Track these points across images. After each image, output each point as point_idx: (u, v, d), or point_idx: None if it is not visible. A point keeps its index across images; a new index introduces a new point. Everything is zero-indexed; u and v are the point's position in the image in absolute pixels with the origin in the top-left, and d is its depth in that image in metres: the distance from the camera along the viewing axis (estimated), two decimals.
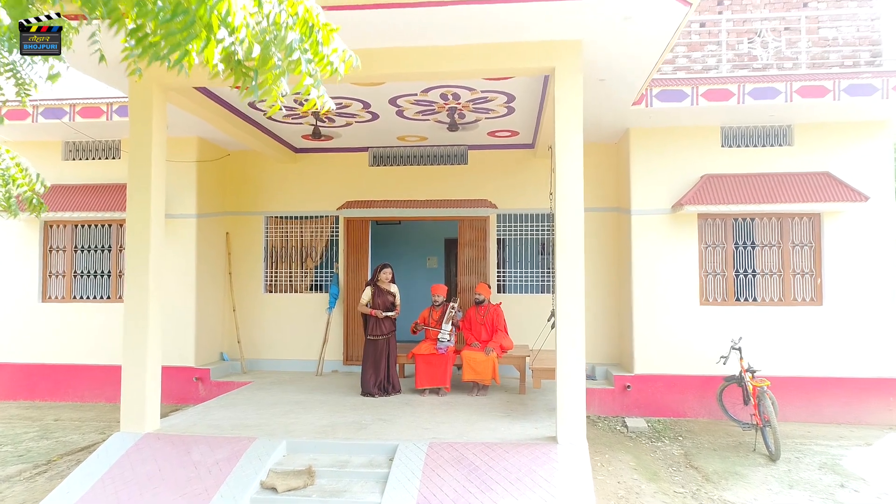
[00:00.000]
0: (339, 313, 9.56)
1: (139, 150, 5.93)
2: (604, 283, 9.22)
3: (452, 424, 6.13)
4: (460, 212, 9.38)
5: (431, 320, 7.98)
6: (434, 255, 12.80)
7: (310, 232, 9.78)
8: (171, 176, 8.86)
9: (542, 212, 9.37)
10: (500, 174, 9.51)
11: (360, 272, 9.54)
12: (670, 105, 7.49)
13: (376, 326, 7.55)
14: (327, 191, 9.73)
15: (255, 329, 9.70)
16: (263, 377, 8.99)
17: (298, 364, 9.55)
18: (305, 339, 9.58)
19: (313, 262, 9.76)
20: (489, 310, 7.96)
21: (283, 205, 9.79)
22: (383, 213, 9.54)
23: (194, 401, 8.69)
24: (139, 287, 5.84)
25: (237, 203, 9.84)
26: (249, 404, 7.14)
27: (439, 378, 7.57)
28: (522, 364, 7.78)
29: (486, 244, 9.39)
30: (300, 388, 8.16)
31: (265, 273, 9.82)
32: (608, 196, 9.30)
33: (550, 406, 6.94)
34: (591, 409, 8.19)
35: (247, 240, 9.81)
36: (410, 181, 9.64)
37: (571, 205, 5.65)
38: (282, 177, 9.81)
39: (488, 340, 7.84)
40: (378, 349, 7.55)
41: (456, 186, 9.55)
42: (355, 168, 9.73)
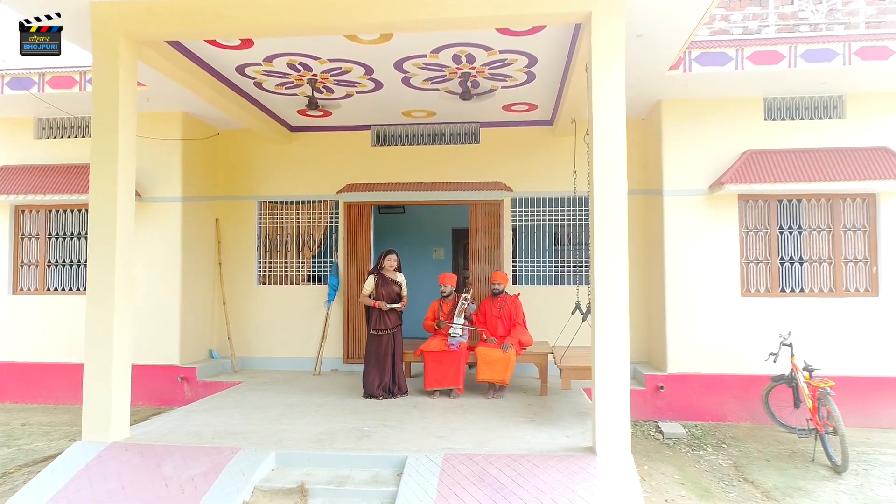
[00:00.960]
0: (339, 307, 8.73)
1: (104, 114, 5.09)
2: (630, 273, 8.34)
3: (469, 432, 5.29)
4: (472, 195, 8.54)
5: (441, 314, 7.15)
6: (441, 245, 11.96)
7: (307, 218, 8.95)
8: (154, 154, 8.07)
9: (562, 195, 8.53)
10: (515, 154, 8.66)
11: (362, 262, 8.71)
12: (711, 70, 6.63)
13: (380, 320, 6.71)
14: (326, 173, 8.89)
15: (246, 324, 8.87)
16: (255, 377, 8.16)
17: (294, 362, 8.73)
18: (302, 335, 8.76)
19: (311, 250, 8.93)
20: (506, 301, 7.12)
21: (277, 188, 8.96)
22: (387, 197, 8.71)
23: (179, 403, 7.86)
24: (104, 275, 5.01)
25: (228, 186, 9.01)
26: (237, 408, 6.31)
27: (451, 378, 6.74)
28: (544, 362, 6.94)
29: (500, 231, 8.55)
30: (295, 388, 7.33)
31: (258, 263, 8.99)
32: (634, 177, 8.41)
33: (579, 410, 6.12)
34: None
35: (238, 227, 8.98)
36: (417, 162, 8.80)
37: (612, 184, 4.82)
38: (276, 158, 8.98)
39: (506, 335, 7.01)
40: (382, 345, 6.72)
41: (467, 168, 8.71)
42: (356, 148, 8.89)
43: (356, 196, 8.71)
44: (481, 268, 8.57)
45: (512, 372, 6.71)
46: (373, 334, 6.73)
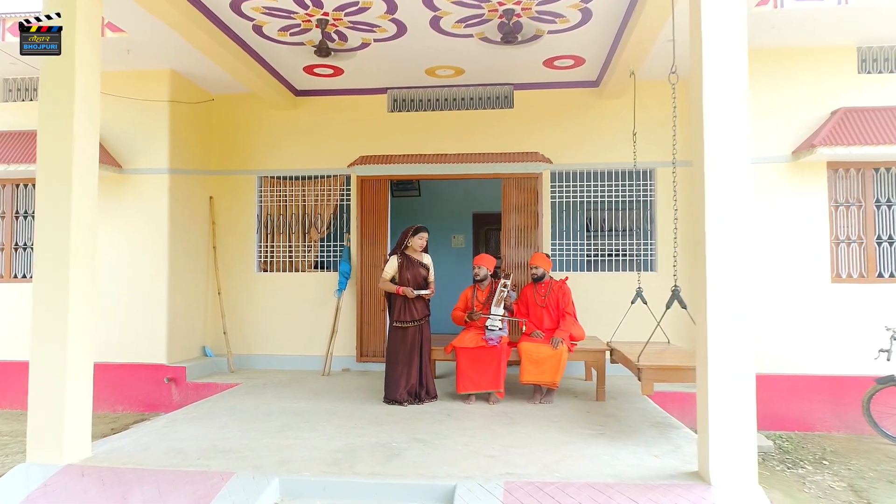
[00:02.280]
0: (352, 297, 7.59)
1: (57, 60, 3.93)
2: (684, 257, 7.20)
3: (528, 449, 4.14)
4: (505, 167, 7.38)
5: (476, 303, 6.00)
6: (461, 232, 10.80)
7: (314, 195, 7.80)
8: (137, 119, 6.94)
9: (611, 167, 7.37)
10: (554, 121, 7.50)
11: (378, 245, 7.55)
12: (809, 5, 5.47)
13: (405, 309, 5.56)
14: (336, 144, 7.75)
15: (245, 317, 7.73)
16: (255, 377, 7.01)
17: (300, 361, 7.58)
18: (309, 329, 7.61)
19: (319, 233, 7.79)
20: (552, 288, 5.96)
21: (280, 162, 7.82)
22: (406, 171, 7.55)
23: (166, 407, 6.73)
24: (55, 260, 3.86)
25: (224, 159, 7.86)
26: (232, 416, 5.17)
27: (489, 379, 5.59)
28: (601, 361, 5.79)
29: (538, 208, 7.39)
30: (301, 392, 6.19)
31: (258, 247, 7.84)
32: (680, 146, 7.26)
33: (653, 419, 4.98)
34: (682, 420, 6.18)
35: (235, 205, 7.83)
36: (440, 131, 7.65)
37: (731, 144, 3.63)
38: (279, 126, 7.83)
39: (553, 328, 5.86)
40: (408, 340, 5.57)
41: (499, 136, 7.56)
42: (371, 114, 7.74)
43: (371, 170, 7.56)
44: (515, 252, 7.42)
45: (563, 372, 5.56)
46: (396, 327, 5.57)
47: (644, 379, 4.30)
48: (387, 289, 5.57)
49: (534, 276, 5.99)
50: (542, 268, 5.94)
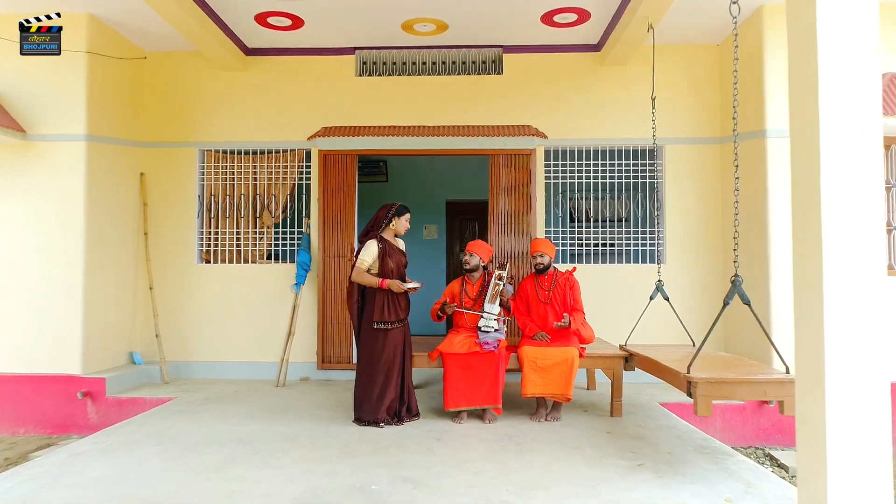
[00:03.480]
0: (312, 292, 6.43)
1: None
2: (701, 247, 6.33)
3: (556, 492, 3.11)
4: (492, 143, 6.35)
5: (466, 298, 4.95)
6: (433, 222, 9.73)
7: (268, 173, 6.62)
8: (45, 74, 5.68)
9: (615, 145, 6.42)
10: (549, 89, 6.51)
11: (344, 232, 6.42)
12: None
13: (389, 307, 4.45)
14: (294, 112, 6.58)
15: (183, 317, 6.48)
16: (194, 390, 5.79)
17: (250, 369, 6.39)
18: (260, 331, 6.42)
19: (273, 217, 6.60)
20: (557, 280, 4.96)
21: (227, 133, 6.59)
22: (377, 145, 6.43)
23: (79, 429, 5.48)
24: None
25: (157, 128, 6.59)
26: (158, 446, 3.98)
27: (485, 392, 4.56)
28: (617, 369, 4.81)
29: (531, 190, 6.38)
30: (251, 409, 5.02)
31: (199, 234, 6.61)
32: (709, 121, 6.40)
33: (692, 442, 4.03)
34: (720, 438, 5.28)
35: (172, 184, 6.57)
36: (417, 98, 6.57)
37: (859, 99, 2.63)
38: (226, 91, 6.61)
39: (560, 330, 4.86)
40: (391, 345, 4.47)
41: (486, 106, 6.52)
42: (336, 79, 6.60)
43: (335, 143, 6.41)
44: (505, 240, 6.39)
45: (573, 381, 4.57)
46: (377, 329, 4.45)
47: (699, 396, 3.32)
48: (365, 282, 4.43)
49: (537, 267, 4.97)
50: (547, 255, 4.93)
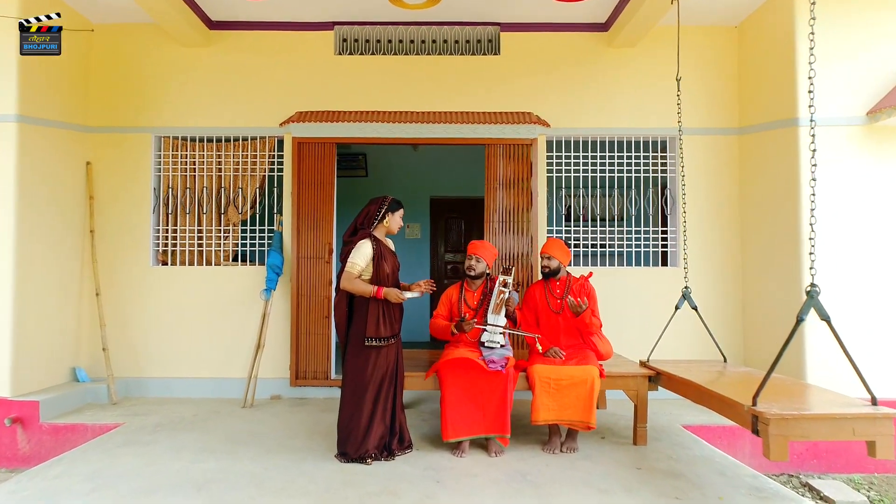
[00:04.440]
0: (284, 299, 5.67)
1: None
2: (718, 249, 5.73)
3: None
4: (488, 131, 5.66)
5: (465, 308, 4.26)
6: (416, 220, 9.00)
7: (234, 163, 5.84)
8: None
9: (626, 135, 5.80)
10: (552, 73, 5.85)
11: (321, 230, 5.67)
12: None
13: (384, 319, 3.71)
14: (265, 95, 5.81)
15: (135, 327, 5.67)
16: (147, 413, 4.99)
17: (212, 387, 5.60)
18: (225, 342, 5.64)
19: (240, 213, 5.82)
20: (570, 287, 4.29)
21: (187, 117, 5.79)
22: (359, 132, 5.69)
23: (7, 462, 4.66)
24: None
25: (108, 112, 5.76)
26: (89, 496, 3.20)
27: (491, 419, 3.87)
28: (642, 390, 4.15)
29: (532, 185, 5.71)
30: (212, 438, 4.25)
31: (156, 232, 5.80)
32: (726, 110, 5.81)
33: (740, 479, 3.43)
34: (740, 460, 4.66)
35: (124, 175, 5.74)
36: (405, 80, 5.85)
37: None
38: (186, 70, 5.80)
39: (574, 346, 4.20)
40: (384, 365, 3.74)
41: (481, 90, 5.84)
42: (312, 57, 5.85)
43: (312, 129, 5.66)
44: (503, 240, 5.71)
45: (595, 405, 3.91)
46: (370, 347, 3.71)
47: (772, 436, 2.66)
48: (357, 290, 3.68)
49: (546, 271, 4.29)
50: (557, 259, 4.26)
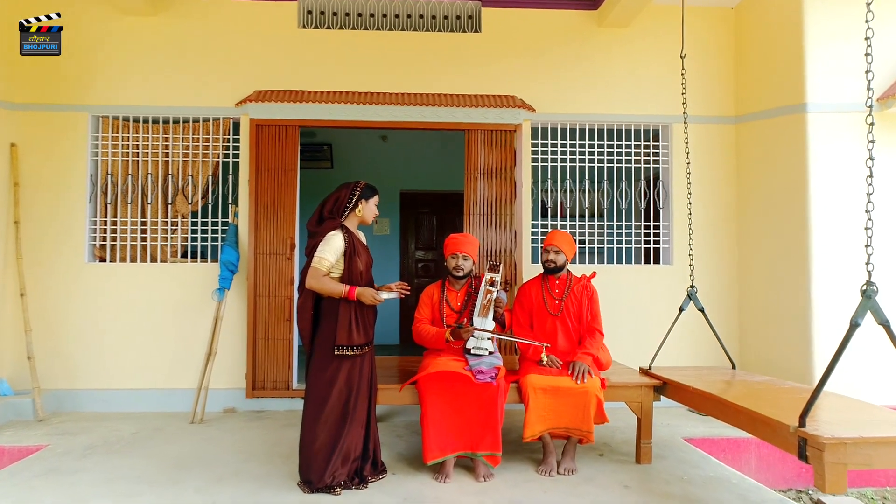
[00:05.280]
0: (240, 300, 5.05)
1: None
2: (714, 245, 5.34)
3: None
4: (468, 115, 5.15)
5: (447, 310, 3.74)
6: (385, 215, 8.43)
7: (184, 147, 5.19)
8: None
9: (616, 122, 5.36)
10: (537, 53, 5.38)
11: (282, 223, 5.08)
12: None
13: (357, 325, 3.15)
14: (219, 71, 5.19)
15: (67, 332, 4.98)
16: (77, 431, 4.33)
17: (157, 399, 4.96)
18: (172, 349, 5.00)
19: (190, 204, 5.19)
20: (571, 287, 3.80)
21: (130, 94, 5.13)
22: (327, 114, 5.11)
23: None
24: None
25: (36, 87, 5.05)
26: None
27: (478, 435, 3.38)
28: (647, 401, 3.69)
29: (517, 175, 5.23)
30: (152, 464, 3.63)
31: (92, 224, 5.12)
32: (722, 97, 5.43)
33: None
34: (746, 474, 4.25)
35: (55, 159, 5.05)
36: (377, 58, 5.31)
37: None
38: (130, 41, 5.14)
39: (571, 351, 3.72)
40: (356, 377, 3.18)
41: (461, 71, 5.33)
42: (273, 30, 5.25)
43: (272, 110, 5.06)
44: (484, 234, 5.20)
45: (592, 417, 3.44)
46: (341, 356, 3.14)
47: (829, 464, 2.22)
48: (326, 290, 3.12)
49: (551, 266, 3.78)
50: (565, 253, 3.77)
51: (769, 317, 4.94)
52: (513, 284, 5.05)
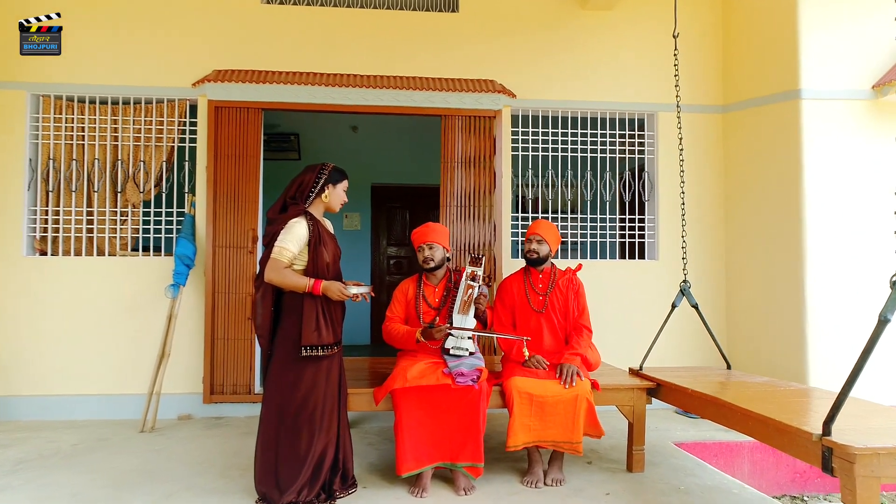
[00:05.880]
0: (197, 297, 4.65)
1: None
2: (700, 239, 5.12)
3: None
4: (446, 99, 4.84)
5: (424, 306, 3.42)
6: (356, 210, 8.07)
7: (135, 131, 4.76)
8: None
9: (601, 109, 5.10)
10: (518, 35, 5.09)
11: (244, 213, 4.69)
12: None
13: (325, 323, 2.80)
14: (174, 47, 4.78)
15: (2, 333, 4.51)
16: (10, 442, 3.89)
17: (104, 405, 4.53)
18: (122, 351, 4.58)
19: (142, 192, 4.76)
20: (556, 281, 3.51)
21: (75, 72, 4.68)
22: (292, 96, 4.74)
23: None
24: None
25: None
26: None
27: (458, 445, 3.07)
28: (640, 405, 3.42)
29: (496, 164, 4.93)
30: (93, 480, 3.22)
31: (31, 213, 4.66)
32: (708, 85, 5.21)
33: None
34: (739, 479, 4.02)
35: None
36: (347, 37, 4.96)
37: None
38: (75, 12, 4.67)
39: (558, 350, 3.43)
40: (323, 380, 2.83)
41: (437, 53, 5.01)
42: (234, 5, 4.86)
43: (232, 91, 4.67)
44: (462, 227, 4.89)
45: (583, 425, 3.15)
46: (306, 358, 2.79)
47: (860, 478, 1.96)
48: (288, 283, 2.76)
49: (534, 257, 3.48)
50: (548, 243, 3.47)
51: (760, 313, 4.73)
52: (493, 280, 4.74)
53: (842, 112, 4.36)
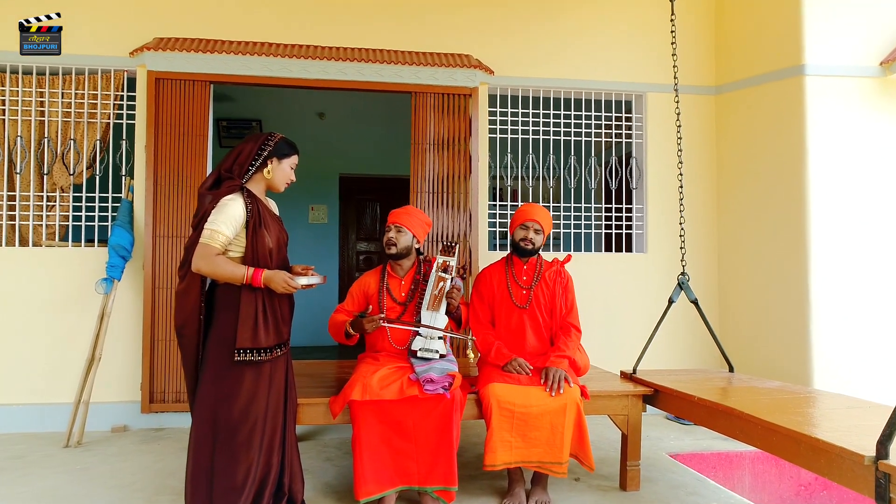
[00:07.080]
0: (135, 293, 4.12)
1: None
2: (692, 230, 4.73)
3: None
4: (417, 74, 4.37)
5: (389, 302, 2.96)
6: (322, 201, 7.56)
7: (65, 106, 4.21)
8: None
9: (586, 88, 4.68)
10: (496, 6, 4.65)
11: (188, 199, 4.16)
12: None
13: (266, 321, 2.32)
14: (109, 11, 4.23)
15: None
16: None
17: (26, 417, 3.97)
18: (45, 355, 4.02)
19: (72, 175, 4.21)
20: (541, 273, 3.07)
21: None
22: (245, 68, 4.22)
23: None
24: None
25: None
26: None
27: (428, 465, 2.61)
28: (635, 414, 2.99)
29: (472, 146, 4.48)
30: None
31: None
32: (700, 64, 4.83)
33: None
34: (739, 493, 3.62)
35: None
36: (308, 4, 4.47)
37: None
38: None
39: (545, 352, 2.99)
40: (263, 392, 2.35)
41: (407, 23, 4.54)
42: None
43: (176, 61, 4.14)
44: (435, 215, 4.42)
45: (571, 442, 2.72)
46: (243, 363, 2.30)
47: None
48: (221, 273, 2.28)
49: (529, 247, 3.01)
50: (543, 229, 3.02)
51: (758, 311, 4.35)
52: (468, 273, 4.29)
53: (848, 90, 4.00)
